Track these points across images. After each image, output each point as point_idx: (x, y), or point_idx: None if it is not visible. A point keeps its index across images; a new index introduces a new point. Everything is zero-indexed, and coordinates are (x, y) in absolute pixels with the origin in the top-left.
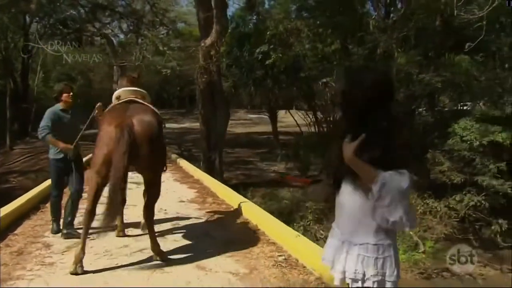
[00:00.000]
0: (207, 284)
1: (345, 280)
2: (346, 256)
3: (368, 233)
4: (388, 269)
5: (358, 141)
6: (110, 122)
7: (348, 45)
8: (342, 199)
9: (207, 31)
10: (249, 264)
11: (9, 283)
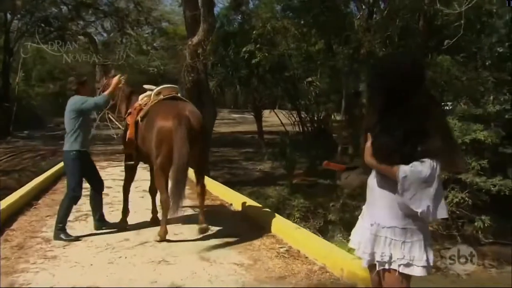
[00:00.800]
0: (214, 274)
1: (374, 262)
2: (374, 238)
3: (397, 216)
4: (416, 254)
5: (370, 143)
6: (165, 117)
7: (332, 45)
8: (372, 183)
9: (193, 29)
10: (252, 255)
11: (14, 275)
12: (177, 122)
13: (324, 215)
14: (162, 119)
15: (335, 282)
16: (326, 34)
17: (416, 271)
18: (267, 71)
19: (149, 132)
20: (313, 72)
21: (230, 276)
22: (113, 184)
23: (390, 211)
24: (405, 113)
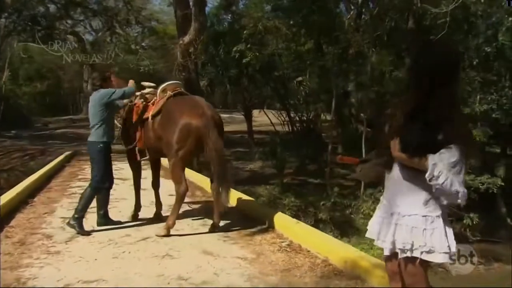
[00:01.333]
0: (219, 268)
1: (395, 250)
2: (395, 227)
3: (417, 204)
4: (437, 241)
5: (397, 139)
6: (189, 114)
7: (321, 45)
8: (393, 173)
9: (184, 29)
10: (254, 250)
11: (19, 270)
12: (206, 120)
13: (314, 214)
14: (188, 115)
15: (339, 274)
16: (315, 34)
17: (437, 258)
18: (257, 70)
19: (169, 128)
20: (302, 72)
21: (235, 270)
22: None
23: (410, 200)
24: (440, 101)
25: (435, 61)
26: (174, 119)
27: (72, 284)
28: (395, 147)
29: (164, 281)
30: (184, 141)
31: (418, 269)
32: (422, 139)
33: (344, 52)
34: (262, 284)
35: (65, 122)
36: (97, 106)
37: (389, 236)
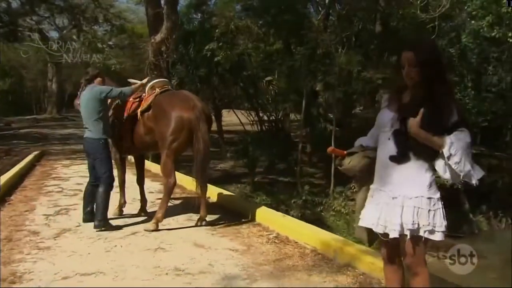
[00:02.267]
0: (212, 259)
1: (404, 232)
2: (401, 210)
3: (423, 188)
4: (437, 221)
5: (420, 116)
6: (181, 107)
7: (290, 45)
8: (387, 161)
9: (156, 27)
10: (243, 242)
11: (13, 265)
12: (198, 112)
13: (286, 212)
14: (180, 109)
15: (329, 262)
16: (284, 34)
17: (437, 236)
18: (227, 70)
19: (162, 121)
20: (272, 72)
21: (229, 260)
22: (84, 181)
23: (415, 183)
24: (448, 89)
25: (438, 54)
26: (166, 112)
27: (70, 277)
28: (415, 124)
29: (162, 272)
30: (177, 134)
31: (420, 249)
32: (441, 120)
33: (313, 52)
34: (257, 273)
35: (29, 122)
36: (96, 101)
37: (397, 219)
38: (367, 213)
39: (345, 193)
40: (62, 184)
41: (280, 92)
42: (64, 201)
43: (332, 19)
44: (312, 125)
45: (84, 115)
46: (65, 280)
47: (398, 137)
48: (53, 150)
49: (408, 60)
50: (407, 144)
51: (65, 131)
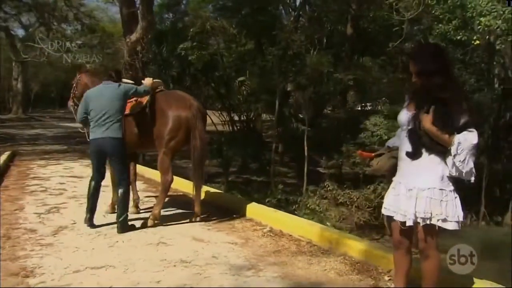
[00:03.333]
0: (215, 252)
1: (417, 220)
2: (415, 200)
3: (435, 180)
4: (450, 211)
5: (432, 113)
6: (178, 106)
7: (262, 45)
8: (404, 156)
9: (130, 27)
10: (240, 236)
11: (20, 261)
12: (195, 111)
13: None
14: (177, 108)
15: (325, 253)
16: (256, 34)
17: (450, 226)
18: (199, 70)
19: (159, 120)
20: (244, 72)
21: (230, 253)
22: (66, 181)
23: (428, 176)
24: (457, 90)
25: (439, 60)
26: (163, 112)
27: (81, 271)
28: (427, 120)
29: (169, 264)
30: (175, 132)
31: (433, 236)
32: (450, 118)
33: (284, 53)
34: (260, 264)
35: None
36: (122, 100)
37: (411, 209)
38: (388, 203)
39: (319, 192)
40: (44, 184)
41: (252, 92)
42: (52, 200)
43: (302, 21)
44: (284, 125)
45: (108, 114)
46: (77, 274)
47: (412, 135)
48: (23, 150)
49: (411, 68)
50: (420, 141)
51: (33, 131)
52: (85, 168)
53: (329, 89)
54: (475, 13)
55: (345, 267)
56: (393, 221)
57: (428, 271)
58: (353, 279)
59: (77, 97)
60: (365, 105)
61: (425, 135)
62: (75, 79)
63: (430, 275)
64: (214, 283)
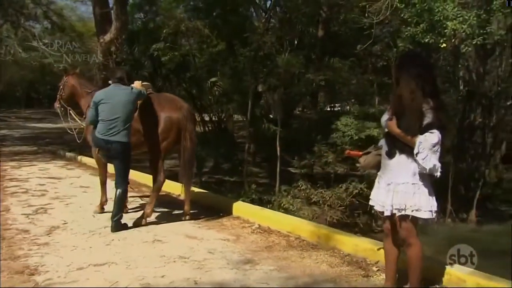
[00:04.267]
0: (210, 248)
1: (393, 211)
2: (393, 194)
3: (408, 175)
4: (424, 202)
5: (395, 119)
6: (169, 108)
7: (233, 46)
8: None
9: (104, 27)
10: (231, 233)
11: (22, 260)
12: (185, 112)
13: None
14: (168, 109)
15: (315, 247)
16: (227, 35)
17: (424, 215)
18: (172, 71)
19: (151, 122)
20: (215, 73)
21: (225, 248)
22: (45, 182)
23: (403, 172)
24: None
25: (424, 68)
26: (155, 113)
27: (84, 268)
28: (393, 125)
29: (169, 260)
30: (167, 133)
31: (410, 225)
32: (415, 123)
33: (255, 54)
34: (256, 258)
35: None
36: (133, 104)
37: (389, 201)
38: (372, 195)
39: (292, 191)
40: (23, 185)
41: (224, 93)
42: (36, 201)
43: (273, 22)
44: (256, 125)
45: (121, 118)
46: (81, 271)
47: (387, 137)
48: None
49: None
50: (394, 142)
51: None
52: (60, 169)
53: (301, 90)
54: (442, 17)
55: (336, 260)
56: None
57: (411, 258)
58: (344, 270)
59: (64, 99)
60: (334, 105)
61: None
62: (62, 81)
63: (414, 261)
64: (216, 277)
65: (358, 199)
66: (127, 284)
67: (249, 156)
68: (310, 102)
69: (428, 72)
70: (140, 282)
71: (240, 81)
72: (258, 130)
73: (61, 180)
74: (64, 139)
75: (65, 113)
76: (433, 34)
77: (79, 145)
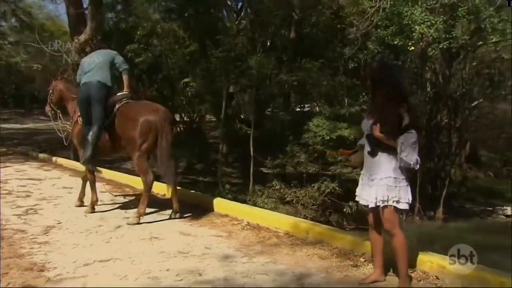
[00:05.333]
0: (206, 244)
1: (377, 203)
2: (376, 188)
3: (390, 171)
4: (403, 195)
5: (378, 125)
6: (146, 111)
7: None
8: (367, 153)
9: (78, 28)
10: (222, 229)
11: (27, 258)
12: (162, 114)
13: None
14: (145, 112)
15: (304, 242)
16: (199, 36)
17: (402, 206)
18: (144, 71)
19: (129, 126)
20: (188, 74)
21: (220, 244)
22: (25, 183)
23: (385, 168)
24: (394, 101)
25: (397, 77)
26: (132, 118)
27: (91, 264)
28: (377, 130)
29: (170, 255)
30: (146, 135)
31: (393, 216)
32: (394, 126)
33: (227, 55)
34: (251, 252)
35: None
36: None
37: (373, 194)
38: (358, 191)
39: (267, 191)
40: (5, 187)
41: (196, 93)
42: (23, 202)
43: (243, 23)
44: (228, 126)
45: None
46: (88, 266)
47: (369, 138)
48: None
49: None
50: (376, 143)
51: None
52: (37, 170)
53: (273, 90)
54: (410, 21)
55: (325, 253)
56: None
57: (396, 247)
58: (334, 261)
59: (54, 103)
60: (303, 106)
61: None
62: (51, 86)
63: (399, 250)
64: (218, 269)
65: (330, 198)
66: (135, 278)
67: (222, 156)
68: (283, 103)
69: (401, 79)
70: (148, 275)
71: (212, 81)
72: (231, 130)
73: (41, 181)
74: (32, 140)
75: (55, 116)
76: (401, 37)
77: (51, 146)
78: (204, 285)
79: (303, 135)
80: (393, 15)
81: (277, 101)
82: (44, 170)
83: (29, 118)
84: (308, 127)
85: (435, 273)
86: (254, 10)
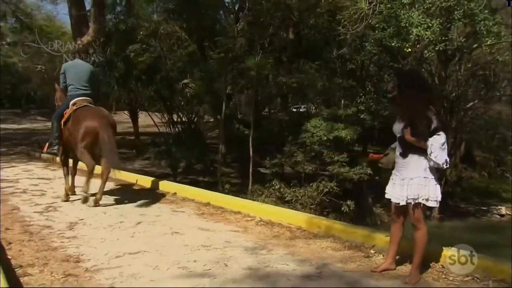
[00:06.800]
0: (225, 238)
1: (408, 201)
2: (407, 187)
3: (420, 171)
4: (431, 193)
5: (409, 128)
6: (90, 118)
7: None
8: (398, 154)
9: (80, 29)
10: (238, 225)
11: (60, 251)
12: (101, 120)
13: None
14: (89, 119)
15: (316, 235)
16: (198, 37)
17: (430, 204)
18: (143, 72)
19: (76, 129)
20: (186, 74)
21: (239, 238)
22: (37, 182)
23: (415, 169)
24: (423, 106)
25: (423, 82)
26: (79, 122)
27: (121, 256)
28: (408, 133)
29: (194, 248)
30: (85, 137)
31: (420, 212)
32: (424, 129)
33: (225, 56)
34: (269, 245)
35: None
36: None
37: (404, 193)
38: (388, 189)
39: (266, 191)
40: (17, 186)
41: (195, 94)
42: (40, 200)
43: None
44: (227, 126)
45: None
46: (120, 258)
47: (401, 141)
48: None
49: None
50: (407, 145)
51: None
52: (44, 170)
53: (271, 91)
54: (407, 24)
55: (338, 245)
56: (391, 202)
57: (418, 238)
58: (347, 253)
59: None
60: (299, 107)
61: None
62: (56, 93)
63: (419, 241)
64: (241, 260)
65: (328, 197)
66: (166, 268)
67: (221, 156)
68: (281, 104)
69: (427, 84)
70: (178, 266)
71: (211, 82)
72: (229, 130)
73: (52, 180)
74: (31, 140)
75: None
76: (399, 39)
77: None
78: (232, 274)
79: (300, 135)
80: (390, 17)
81: (276, 102)
82: (50, 170)
83: (25, 119)
84: (306, 127)
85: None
86: (253, 12)
